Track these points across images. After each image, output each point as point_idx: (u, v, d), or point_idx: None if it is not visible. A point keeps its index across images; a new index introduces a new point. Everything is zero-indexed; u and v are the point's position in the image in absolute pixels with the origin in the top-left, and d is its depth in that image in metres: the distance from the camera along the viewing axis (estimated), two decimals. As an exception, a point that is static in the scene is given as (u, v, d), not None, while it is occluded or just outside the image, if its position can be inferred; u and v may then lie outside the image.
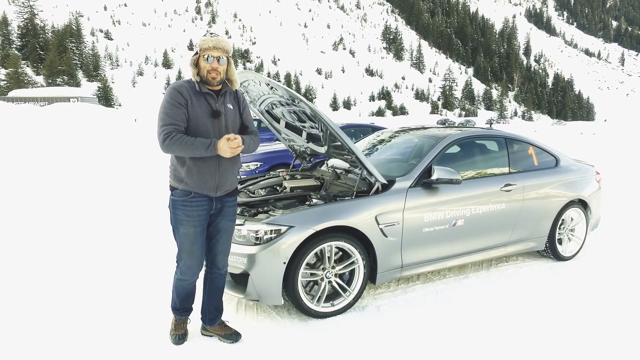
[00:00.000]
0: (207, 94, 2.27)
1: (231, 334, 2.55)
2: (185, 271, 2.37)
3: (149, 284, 3.32)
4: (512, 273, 3.73)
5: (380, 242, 2.97)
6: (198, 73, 2.26)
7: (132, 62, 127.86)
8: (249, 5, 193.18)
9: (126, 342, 2.52)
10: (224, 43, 2.24)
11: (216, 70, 2.24)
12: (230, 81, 2.35)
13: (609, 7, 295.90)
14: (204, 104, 2.26)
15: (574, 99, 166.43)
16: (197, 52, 2.27)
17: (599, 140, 25.00)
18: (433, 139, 3.63)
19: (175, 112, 2.17)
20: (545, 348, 2.54)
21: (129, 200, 6.40)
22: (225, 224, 2.42)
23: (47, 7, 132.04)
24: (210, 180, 2.26)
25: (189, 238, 2.30)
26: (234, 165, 2.37)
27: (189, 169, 2.23)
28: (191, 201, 2.27)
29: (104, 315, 2.83)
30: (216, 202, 2.35)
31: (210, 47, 2.21)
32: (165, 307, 2.67)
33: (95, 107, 42.35)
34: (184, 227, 2.29)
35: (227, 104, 2.33)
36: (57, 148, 14.05)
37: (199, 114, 2.23)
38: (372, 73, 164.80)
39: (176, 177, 2.29)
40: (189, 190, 2.26)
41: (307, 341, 2.58)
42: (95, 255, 3.97)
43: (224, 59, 2.26)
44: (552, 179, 3.92)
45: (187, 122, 2.21)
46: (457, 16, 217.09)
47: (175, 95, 2.20)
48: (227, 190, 2.37)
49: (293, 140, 3.95)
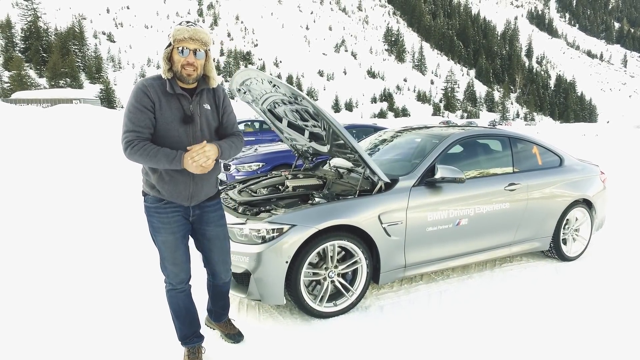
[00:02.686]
0: (179, 95, 1.98)
1: (234, 334, 2.49)
2: (172, 278, 2.14)
3: (149, 287, 3.30)
4: (516, 273, 3.70)
5: (384, 242, 2.95)
6: (170, 68, 1.96)
7: (134, 65, 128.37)
8: (251, 8, 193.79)
9: (127, 342, 2.50)
10: (202, 34, 1.93)
11: (192, 65, 1.93)
12: (208, 78, 2.06)
13: (611, 9, 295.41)
14: (176, 106, 1.97)
15: (576, 101, 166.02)
16: (170, 43, 1.94)
17: (601, 141, 24.90)
18: (436, 138, 3.60)
19: (139, 117, 1.90)
20: (549, 349, 2.51)
21: (129, 202, 6.39)
22: (213, 231, 2.19)
23: (50, 9, 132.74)
24: (183, 189, 2.03)
25: (169, 245, 2.07)
26: (211, 172, 2.09)
27: (160, 176, 1.99)
28: (165, 207, 2.04)
29: (105, 318, 2.81)
30: (193, 209, 2.12)
31: (186, 37, 1.90)
32: (165, 308, 2.65)
33: (97, 109, 42.38)
34: (161, 234, 2.06)
35: (203, 104, 2.05)
36: (60, 149, 14.07)
37: (168, 118, 1.95)
38: (373, 75, 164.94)
39: (147, 182, 2.06)
40: (160, 197, 2.04)
41: (309, 341, 2.55)
42: (96, 256, 3.96)
43: (201, 52, 1.95)
44: (557, 178, 3.88)
45: (155, 126, 1.95)
46: (458, 18, 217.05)
47: (141, 97, 1.92)
48: (203, 199, 2.13)
49: (295, 140, 3.93)
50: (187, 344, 2.25)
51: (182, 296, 2.20)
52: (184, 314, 2.21)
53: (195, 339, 2.26)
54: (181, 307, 2.20)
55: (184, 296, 2.21)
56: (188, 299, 2.23)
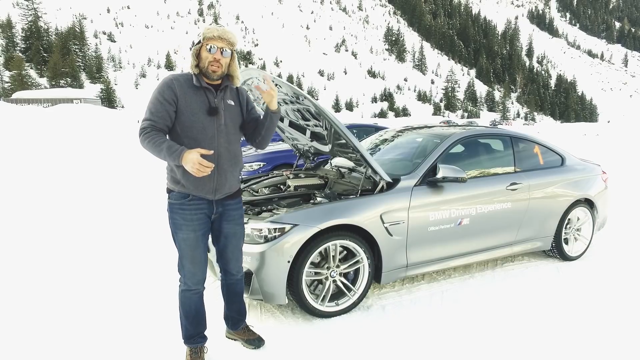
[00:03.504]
0: (205, 88, 2.11)
1: (254, 339, 2.46)
2: (189, 277, 2.17)
3: (150, 288, 3.30)
4: (518, 273, 3.69)
5: (385, 241, 2.94)
6: (198, 64, 2.10)
7: (134, 64, 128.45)
8: (252, 7, 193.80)
9: (130, 341, 2.50)
10: (230, 34, 2.09)
11: (218, 62, 2.07)
12: (232, 77, 2.19)
13: (612, 8, 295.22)
14: (201, 98, 2.09)
15: (577, 101, 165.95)
16: (200, 41, 2.09)
17: (602, 141, 24.88)
18: (438, 137, 3.60)
19: (158, 109, 2.02)
20: (551, 349, 2.50)
21: (131, 202, 6.40)
22: (231, 229, 2.25)
23: (51, 9, 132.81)
24: (208, 182, 2.09)
25: (189, 243, 2.12)
26: (234, 166, 2.20)
27: (185, 170, 2.02)
28: (189, 204, 2.11)
29: (106, 320, 2.81)
30: (216, 206, 2.18)
31: (215, 36, 2.05)
32: (167, 307, 2.65)
33: (98, 109, 42.49)
34: (182, 232, 2.12)
35: (227, 99, 2.17)
36: (61, 149, 14.08)
37: (195, 109, 2.07)
38: (374, 75, 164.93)
39: (173, 178, 2.13)
40: (186, 193, 2.10)
41: (311, 341, 2.55)
42: (97, 257, 3.96)
43: (227, 51, 2.09)
44: (558, 178, 3.88)
45: (181, 117, 2.06)
46: (459, 18, 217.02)
47: (165, 90, 2.05)
48: (227, 193, 2.20)
49: (297, 139, 3.92)
50: (191, 344, 2.27)
51: (196, 298, 2.23)
52: (193, 315, 2.24)
53: (199, 339, 2.28)
54: (192, 309, 2.23)
55: (197, 298, 2.24)
56: (200, 301, 2.26)
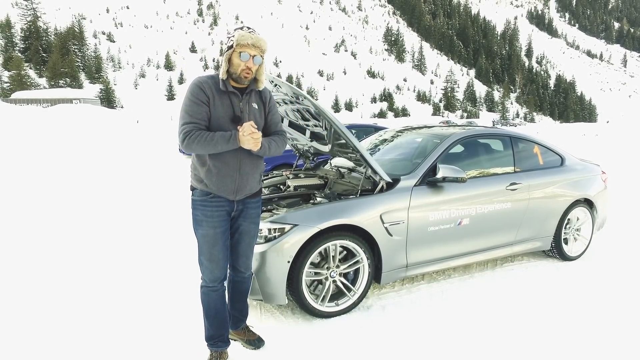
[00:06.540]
0: (231, 93, 2.14)
1: (254, 340, 2.47)
2: (207, 274, 2.21)
3: (151, 287, 3.30)
4: (517, 273, 3.70)
5: (385, 241, 2.94)
6: (228, 69, 2.12)
7: (134, 64, 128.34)
8: (251, 7, 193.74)
9: (130, 346, 2.49)
10: (262, 42, 2.12)
11: (250, 70, 2.11)
12: (257, 80, 2.22)
13: (611, 9, 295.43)
14: (227, 104, 2.13)
15: (576, 101, 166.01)
16: (232, 45, 2.09)
17: (601, 141, 24.89)
18: (437, 137, 3.60)
19: (196, 110, 2.06)
20: (551, 348, 2.51)
21: (131, 202, 6.39)
22: (246, 226, 2.29)
23: (50, 9, 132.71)
24: (230, 183, 2.15)
25: (208, 240, 2.16)
26: (255, 168, 2.23)
27: (208, 169, 2.12)
28: (211, 201, 2.16)
29: (108, 321, 2.80)
30: (237, 204, 2.23)
31: (249, 44, 2.07)
32: (168, 308, 2.64)
33: (97, 109, 42.43)
34: (202, 228, 2.17)
35: (252, 103, 2.20)
36: (60, 149, 14.07)
37: (220, 114, 2.11)
38: (373, 75, 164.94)
39: (196, 176, 2.19)
40: (208, 191, 2.16)
41: (311, 341, 2.55)
42: (98, 257, 3.95)
43: (259, 58, 2.12)
44: (558, 178, 3.88)
45: (209, 120, 2.10)
46: (458, 18, 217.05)
47: (197, 92, 2.08)
48: (247, 194, 2.23)
49: (296, 140, 3.92)
50: (212, 347, 2.29)
51: (215, 296, 2.24)
52: (213, 315, 2.26)
53: (221, 344, 2.29)
54: (211, 307, 2.25)
55: (216, 296, 2.25)
56: (220, 300, 2.27)
